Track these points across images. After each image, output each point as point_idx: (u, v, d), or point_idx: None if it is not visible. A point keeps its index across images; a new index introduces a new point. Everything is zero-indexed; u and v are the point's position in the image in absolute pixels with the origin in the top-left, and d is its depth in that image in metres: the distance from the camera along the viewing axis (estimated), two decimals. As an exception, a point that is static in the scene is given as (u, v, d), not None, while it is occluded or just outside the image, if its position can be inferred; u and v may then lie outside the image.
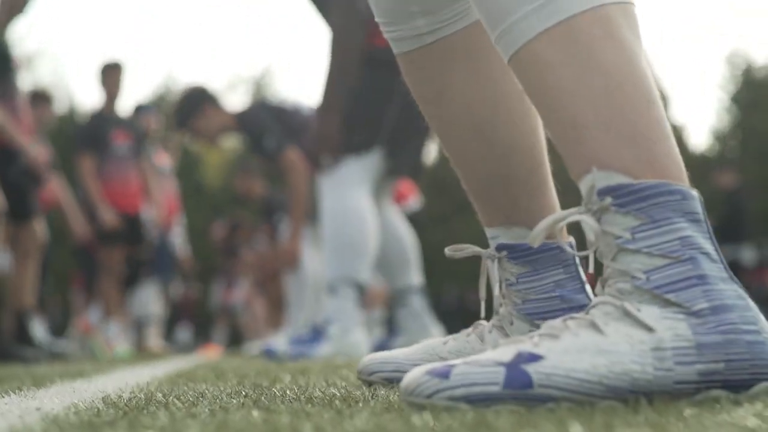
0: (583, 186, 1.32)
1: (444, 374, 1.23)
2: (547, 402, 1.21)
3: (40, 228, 6.31)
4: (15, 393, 1.77)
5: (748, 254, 11.07)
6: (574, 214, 1.33)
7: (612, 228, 1.30)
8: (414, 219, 6.45)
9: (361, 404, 1.35)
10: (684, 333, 1.25)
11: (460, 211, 20.81)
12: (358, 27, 4.60)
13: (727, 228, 10.54)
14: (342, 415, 1.16)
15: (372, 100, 4.73)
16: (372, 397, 1.47)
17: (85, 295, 9.66)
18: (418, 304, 5.13)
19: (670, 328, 1.25)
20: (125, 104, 8.44)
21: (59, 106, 23.04)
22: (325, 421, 1.10)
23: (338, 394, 1.55)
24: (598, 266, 1.35)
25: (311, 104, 6.37)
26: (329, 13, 4.73)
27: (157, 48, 46.07)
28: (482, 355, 1.26)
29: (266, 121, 6.19)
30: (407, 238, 5.19)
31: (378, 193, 5.02)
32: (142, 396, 1.61)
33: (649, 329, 1.25)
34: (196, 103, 6.35)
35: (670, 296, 1.27)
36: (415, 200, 7.45)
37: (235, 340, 14.60)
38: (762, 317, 1.30)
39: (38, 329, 8.29)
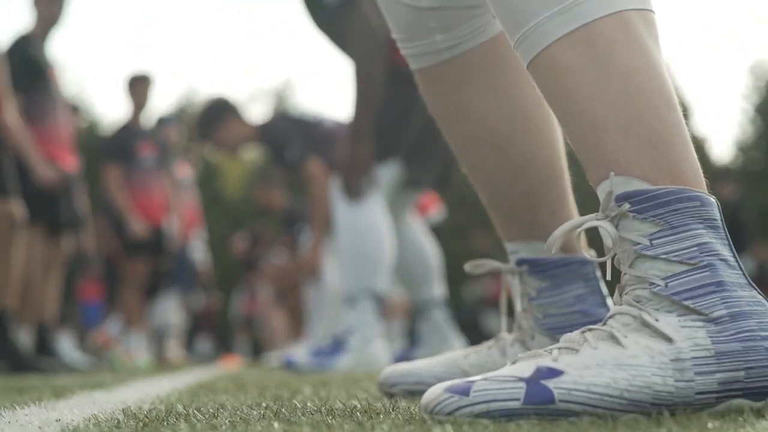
0: (601, 192, 1.32)
1: (464, 391, 1.22)
2: (568, 417, 1.20)
3: (65, 241, 6.33)
4: (35, 404, 1.77)
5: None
6: (591, 220, 1.33)
7: (630, 234, 1.29)
8: (435, 230, 6.45)
9: (382, 416, 1.34)
10: (703, 342, 1.25)
11: (481, 223, 20.78)
12: (380, 55, 4.58)
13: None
14: (363, 427, 1.16)
15: (388, 113, 4.72)
16: (393, 409, 1.47)
17: (106, 306, 9.67)
18: (440, 317, 5.11)
19: (689, 338, 1.24)
20: (147, 116, 8.45)
21: (80, 119, 23.13)
22: (346, 433, 1.10)
23: (359, 406, 1.54)
24: (616, 273, 1.34)
25: (332, 116, 6.39)
26: (349, 45, 4.70)
27: (179, 60, 46.29)
28: (501, 370, 1.26)
29: (288, 132, 6.20)
30: (429, 249, 5.17)
31: (398, 205, 5.01)
32: (163, 407, 1.60)
33: (668, 340, 1.24)
34: (218, 114, 6.36)
35: (689, 303, 1.26)
36: (437, 212, 7.44)
37: (256, 351, 14.61)
38: None
39: (65, 345, 8.29)
